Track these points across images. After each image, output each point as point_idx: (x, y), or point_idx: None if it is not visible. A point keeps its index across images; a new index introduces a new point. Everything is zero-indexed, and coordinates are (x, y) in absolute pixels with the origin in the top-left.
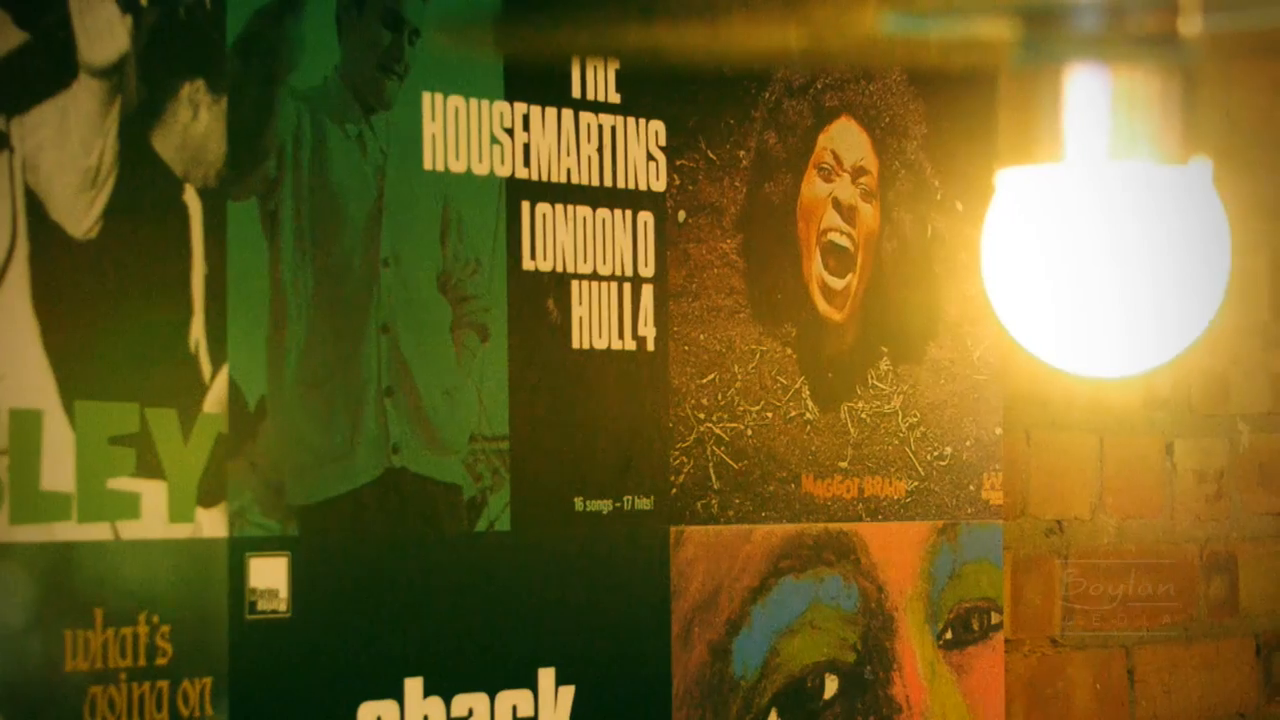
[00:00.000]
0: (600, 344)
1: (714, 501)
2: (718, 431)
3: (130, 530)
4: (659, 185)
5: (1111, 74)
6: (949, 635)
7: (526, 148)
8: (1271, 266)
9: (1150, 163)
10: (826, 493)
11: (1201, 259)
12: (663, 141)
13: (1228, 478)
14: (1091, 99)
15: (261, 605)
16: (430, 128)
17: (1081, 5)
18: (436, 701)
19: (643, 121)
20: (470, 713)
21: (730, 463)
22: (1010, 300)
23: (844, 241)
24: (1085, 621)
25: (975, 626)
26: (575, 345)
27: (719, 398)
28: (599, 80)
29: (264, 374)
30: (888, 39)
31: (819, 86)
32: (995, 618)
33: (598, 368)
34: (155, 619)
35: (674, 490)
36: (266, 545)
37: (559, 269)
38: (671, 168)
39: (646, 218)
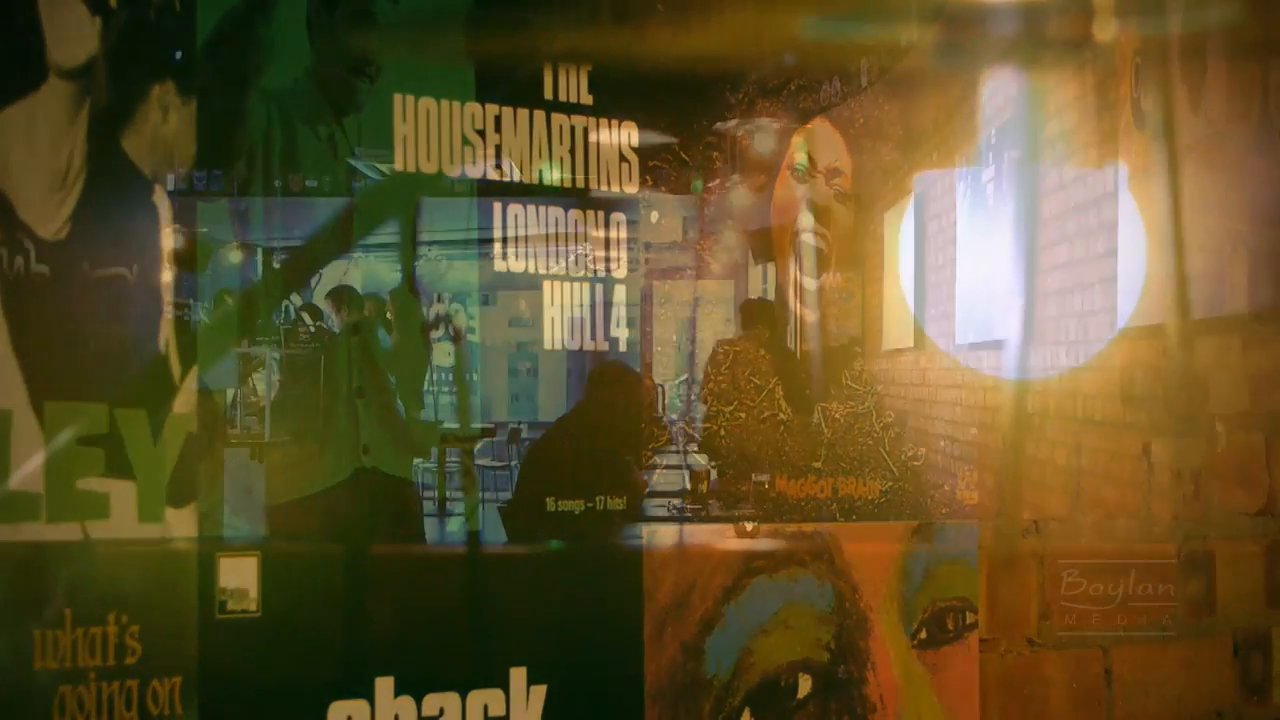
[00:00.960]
0: (573, 344)
1: (687, 501)
2: (690, 432)
3: (99, 530)
4: (631, 187)
5: (1028, 78)
6: (923, 635)
7: (498, 149)
8: (1250, 267)
9: (1066, 166)
10: (800, 493)
11: (1117, 260)
12: (635, 143)
13: (1205, 477)
14: (1008, 103)
15: (231, 605)
16: (401, 129)
17: (999, 10)
18: (407, 701)
19: (615, 123)
20: (441, 712)
21: (704, 463)
22: (924, 299)
23: (818, 242)
24: (1062, 621)
25: (950, 626)
26: (548, 346)
27: (692, 398)
28: (571, 82)
29: (234, 375)
30: (849, 44)
31: (792, 88)
32: (970, 617)
33: (570, 368)
34: (124, 618)
35: (646, 490)
36: (236, 545)
37: (531, 270)
38: (644, 169)
39: (619, 218)
